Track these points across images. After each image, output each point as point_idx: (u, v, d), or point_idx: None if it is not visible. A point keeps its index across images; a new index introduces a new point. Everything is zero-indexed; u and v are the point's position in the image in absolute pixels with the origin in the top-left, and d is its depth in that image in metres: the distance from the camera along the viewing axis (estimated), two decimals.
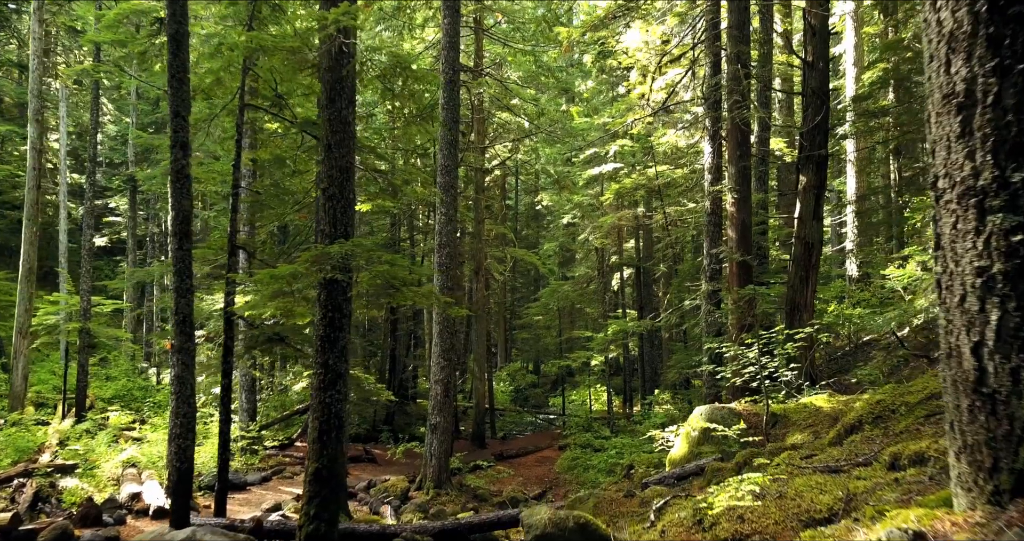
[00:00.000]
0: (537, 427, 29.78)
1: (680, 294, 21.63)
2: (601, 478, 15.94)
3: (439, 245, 14.62)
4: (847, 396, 8.73)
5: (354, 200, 7.26)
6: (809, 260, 12.33)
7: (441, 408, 14.35)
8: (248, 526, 7.59)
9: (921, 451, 3.49)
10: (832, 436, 5.88)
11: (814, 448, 6.12)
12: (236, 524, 8.31)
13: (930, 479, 3.09)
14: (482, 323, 22.06)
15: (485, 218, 23.15)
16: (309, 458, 6.78)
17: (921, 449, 3.50)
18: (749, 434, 8.25)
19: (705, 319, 13.00)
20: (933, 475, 3.11)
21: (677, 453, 8.89)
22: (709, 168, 13.59)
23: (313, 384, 6.98)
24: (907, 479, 3.23)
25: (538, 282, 40.52)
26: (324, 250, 6.59)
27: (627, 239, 29.09)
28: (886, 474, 3.51)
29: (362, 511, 12.93)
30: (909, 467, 3.45)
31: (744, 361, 8.89)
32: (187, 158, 8.47)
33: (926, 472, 3.23)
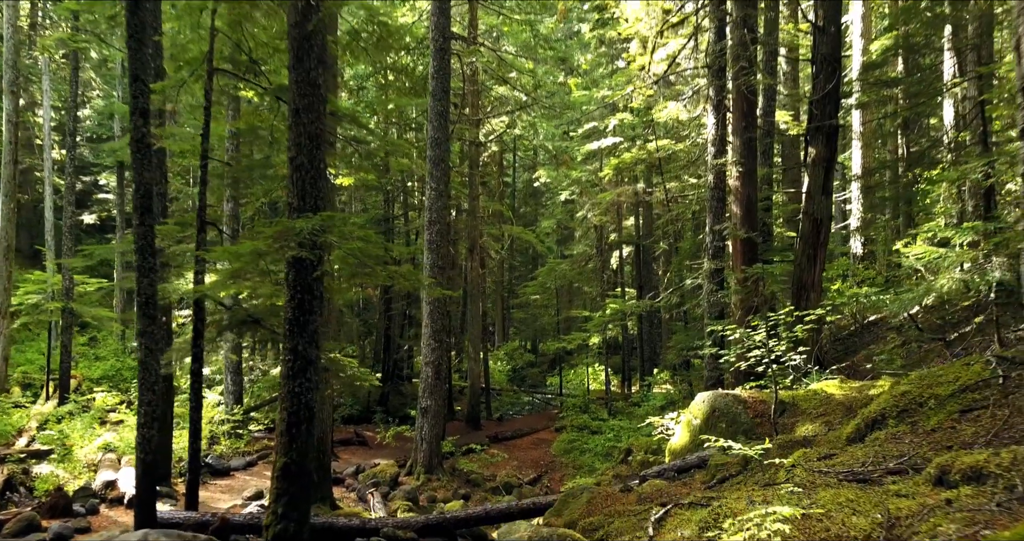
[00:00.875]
0: (535, 406, 29.35)
1: (681, 273, 21.03)
2: (598, 463, 15.47)
3: (429, 222, 13.98)
4: (860, 382, 8.16)
5: (325, 171, 6.62)
6: (817, 237, 11.72)
7: (432, 391, 13.82)
8: (215, 523, 7.05)
9: (977, 466, 2.90)
10: (850, 430, 5.30)
11: (831, 445, 5.54)
12: (207, 518, 7.79)
13: (998, 506, 2.51)
14: (477, 302, 21.49)
15: (480, 194, 22.47)
16: (277, 452, 6.22)
17: (977, 463, 2.91)
18: (755, 423, 7.70)
19: (707, 299, 12.42)
20: (1002, 502, 2.53)
21: (678, 442, 8.35)
22: (712, 140, 12.90)
23: (282, 372, 6.39)
24: (964, 502, 2.65)
25: (536, 260, 39.90)
26: (289, 225, 5.96)
27: (627, 216, 28.40)
28: (932, 491, 2.93)
29: (349, 498, 12.45)
30: (962, 484, 2.87)
31: (749, 344, 8.30)
32: (148, 127, 7.80)
33: (989, 494, 2.65)
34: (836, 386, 8.03)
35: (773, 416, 7.08)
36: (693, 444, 8.02)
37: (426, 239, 14.04)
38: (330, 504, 10.90)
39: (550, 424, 21.25)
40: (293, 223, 5.95)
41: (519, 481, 14.45)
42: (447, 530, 7.71)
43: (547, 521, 6.99)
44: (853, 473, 3.80)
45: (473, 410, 21.02)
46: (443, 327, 13.95)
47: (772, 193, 17.26)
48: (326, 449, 10.83)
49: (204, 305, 8.46)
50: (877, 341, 13.79)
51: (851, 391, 7.69)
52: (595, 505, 6.68)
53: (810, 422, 7.10)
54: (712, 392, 8.25)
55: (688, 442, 8.12)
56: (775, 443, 6.35)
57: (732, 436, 7.66)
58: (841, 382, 8.21)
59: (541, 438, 20.00)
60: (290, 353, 6.36)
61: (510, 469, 15.88)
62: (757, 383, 9.13)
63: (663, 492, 6.57)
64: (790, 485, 3.70)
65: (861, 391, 7.56)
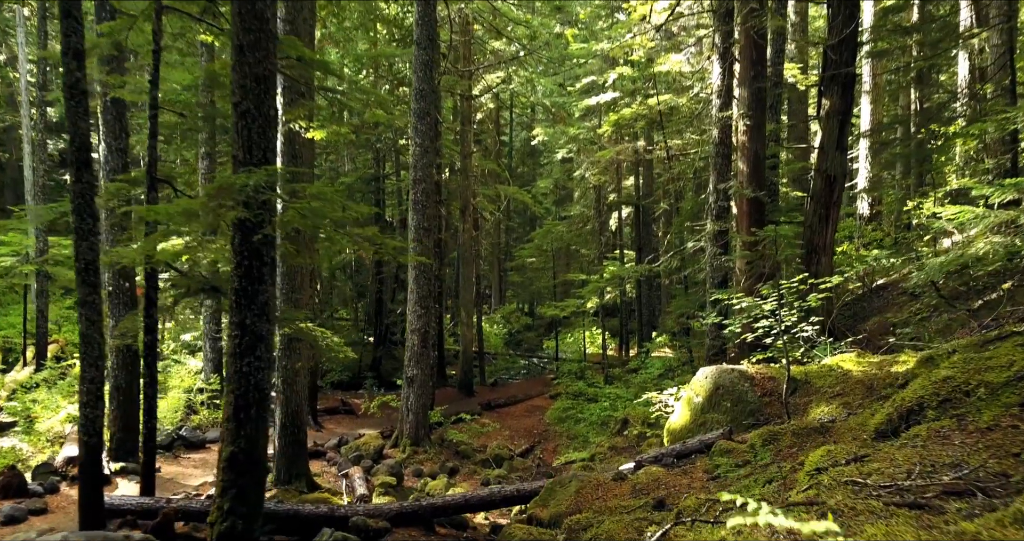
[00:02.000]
0: (531, 370, 28.80)
1: (681, 235, 20.18)
2: (593, 433, 14.87)
3: (414, 180, 13.09)
4: (880, 357, 7.40)
5: (275, 118, 5.74)
6: (830, 196, 10.87)
7: (419, 360, 13.11)
8: (158, 518, 6.34)
9: None
10: (880, 421, 4.53)
11: (855, 435, 4.79)
12: (160, 504, 7.10)
13: None
14: (471, 265, 20.68)
15: (474, 153, 21.49)
16: (223, 440, 5.49)
17: None
18: (763, 403, 6.96)
19: (710, 263, 11.61)
20: None
21: (677, 421, 7.63)
22: (718, 91, 11.94)
23: (228, 349, 5.62)
24: None
25: (534, 222, 38.94)
26: (228, 181, 5.11)
27: (626, 176, 27.42)
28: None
29: (329, 473, 11.83)
30: None
31: (757, 314, 7.52)
32: (82, 70, 6.88)
33: None
34: (853, 361, 7.28)
35: (784, 396, 6.33)
36: (695, 424, 7.30)
37: (411, 199, 13.17)
38: (307, 482, 10.25)
39: (545, 390, 20.65)
40: (233, 179, 5.10)
41: (510, 453, 13.84)
42: (423, 518, 7.04)
43: (531, 512, 6.31)
44: (899, 489, 3.04)
45: (466, 376, 20.39)
46: (429, 293, 13.17)
47: (779, 150, 16.29)
48: (301, 424, 10.15)
49: (156, 272, 7.66)
50: (889, 307, 13.03)
51: (870, 367, 6.93)
52: (584, 496, 5.97)
53: (825, 403, 6.35)
54: (716, 367, 7.50)
55: (689, 422, 7.39)
56: (788, 429, 5.60)
57: (738, 417, 6.94)
58: (858, 356, 7.45)
59: (535, 405, 19.41)
60: (237, 328, 5.58)
61: (502, 439, 15.29)
62: (765, 356, 8.38)
63: (660, 482, 5.86)
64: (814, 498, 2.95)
65: (882, 367, 6.80)
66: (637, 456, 11.03)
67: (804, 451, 5.18)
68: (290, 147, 10.01)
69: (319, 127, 9.15)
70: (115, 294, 10.75)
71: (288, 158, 10.05)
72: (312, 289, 14.79)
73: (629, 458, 12.22)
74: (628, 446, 13.24)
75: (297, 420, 10.15)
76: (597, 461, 12.36)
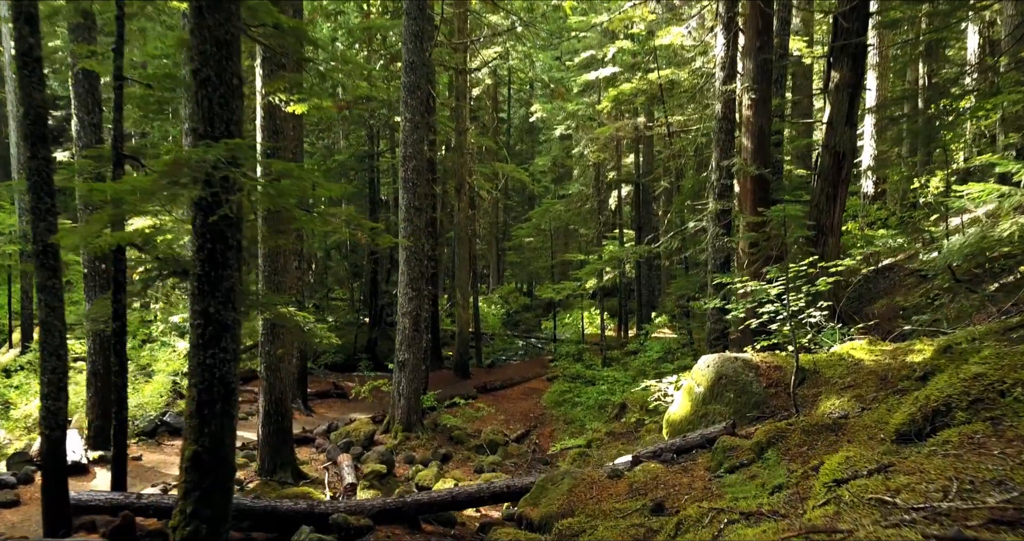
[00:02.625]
0: (529, 350, 28.44)
1: (682, 214, 19.69)
2: (590, 417, 14.51)
3: (404, 157, 12.57)
4: (893, 345, 6.97)
5: (239, 87, 5.24)
6: (839, 174, 10.39)
7: (410, 343, 12.69)
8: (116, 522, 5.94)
9: None
10: (901, 421, 4.10)
11: (871, 435, 4.37)
12: (131, 500, 6.71)
13: None
14: (466, 245, 20.19)
15: (469, 129, 20.89)
16: (185, 438, 5.07)
17: None
18: (769, 395, 6.54)
19: (711, 244, 11.14)
20: None
21: (677, 412, 7.21)
22: (721, 64, 11.37)
23: (190, 340, 5.18)
24: None
25: (533, 201, 38.34)
26: (184, 157, 4.63)
27: (626, 153, 26.83)
28: None
29: (318, 460, 11.46)
30: None
31: (762, 298, 7.08)
32: (36, 37, 6.38)
33: None
34: (864, 349, 6.85)
35: (792, 387, 5.90)
36: (695, 416, 6.89)
37: (401, 177, 12.66)
38: (292, 471, 9.89)
39: (542, 372, 20.28)
40: (189, 153, 4.62)
41: (505, 438, 13.49)
42: (408, 515, 6.65)
43: (521, 511, 5.91)
44: (936, 513, 2.61)
45: (462, 358, 20.01)
46: (421, 274, 12.72)
47: (783, 126, 15.73)
48: (286, 411, 9.75)
49: (123, 254, 7.20)
50: (896, 289, 12.58)
51: (883, 356, 6.50)
52: (578, 496, 5.57)
53: (836, 395, 5.93)
54: (719, 355, 7.07)
55: (689, 413, 6.98)
56: (797, 426, 5.18)
57: (741, 409, 6.52)
58: (870, 343, 7.02)
59: (532, 388, 19.05)
60: (199, 317, 5.13)
61: (497, 424, 14.93)
62: (769, 343, 7.95)
63: (659, 481, 5.45)
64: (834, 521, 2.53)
65: (896, 356, 6.37)
66: (635, 450, 10.67)
67: (815, 451, 4.77)
68: (270, 122, 9.51)
69: (300, 100, 8.63)
70: (90, 276, 10.30)
71: (269, 134, 9.55)
72: (301, 270, 14.34)
73: (627, 445, 11.87)
74: (626, 432, 12.88)
75: (282, 407, 9.75)
76: (594, 448, 12.01)
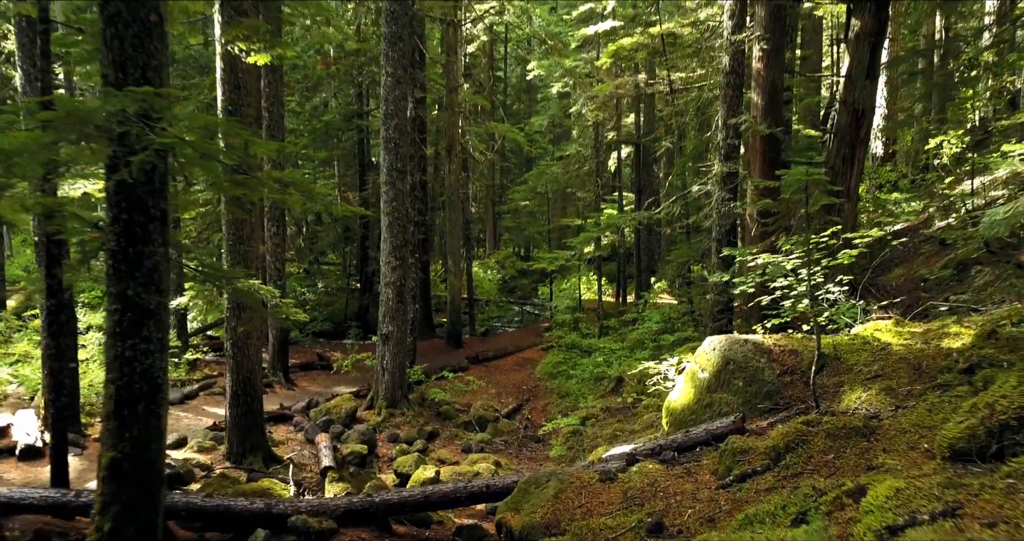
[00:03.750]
0: (524, 317, 27.79)
1: (684, 176, 18.77)
2: (585, 392, 13.84)
3: (386, 115, 11.64)
4: (923, 325, 6.19)
5: (160, 26, 4.35)
6: (857, 132, 9.52)
7: (394, 315, 11.94)
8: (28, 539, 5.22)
9: None
10: (957, 434, 3.33)
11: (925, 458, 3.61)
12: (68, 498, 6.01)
13: None
14: (458, 209, 19.31)
15: (461, 86, 19.83)
16: (103, 443, 4.33)
17: None
18: (783, 384, 5.78)
19: (716, 209, 10.28)
20: None
21: (679, 400, 6.47)
22: (730, 11, 10.36)
23: (107, 328, 4.40)
24: None
25: (531, 163, 37.26)
26: (87, 107, 3.77)
27: (626, 113, 25.75)
28: None
29: (295, 440, 10.80)
30: None
31: (774, 272, 6.28)
32: None
33: None
34: (890, 330, 6.07)
35: (812, 377, 5.14)
36: (699, 405, 6.14)
37: (383, 137, 11.75)
38: (264, 455, 9.22)
39: (537, 341, 19.61)
40: (84, 105, 3.76)
41: (496, 414, 12.83)
42: (377, 517, 5.96)
43: (501, 516, 5.20)
44: None
45: (454, 327, 19.31)
46: (404, 242, 11.89)
47: (792, 81, 14.70)
48: (254, 391, 9.04)
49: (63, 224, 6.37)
50: (914, 257, 11.75)
51: (914, 339, 5.73)
52: (564, 504, 4.84)
53: (861, 387, 5.17)
54: (726, 337, 6.30)
55: (692, 401, 6.23)
56: (821, 428, 4.43)
57: (752, 400, 5.77)
58: (896, 324, 6.24)
59: (526, 357, 18.38)
60: (116, 301, 4.33)
61: (487, 397, 14.27)
62: (781, 322, 7.17)
63: (658, 488, 4.73)
64: None
65: (928, 340, 5.60)
66: (631, 429, 9.98)
67: (844, 461, 4.02)
68: (231, 75, 8.57)
69: (261, 49, 7.70)
70: (40, 244, 9.46)
71: (231, 88, 8.62)
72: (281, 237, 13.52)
73: (623, 423, 11.19)
74: (622, 408, 12.22)
75: (250, 387, 9.03)
76: (588, 426, 11.35)
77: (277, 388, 13.74)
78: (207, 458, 9.04)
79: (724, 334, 6.94)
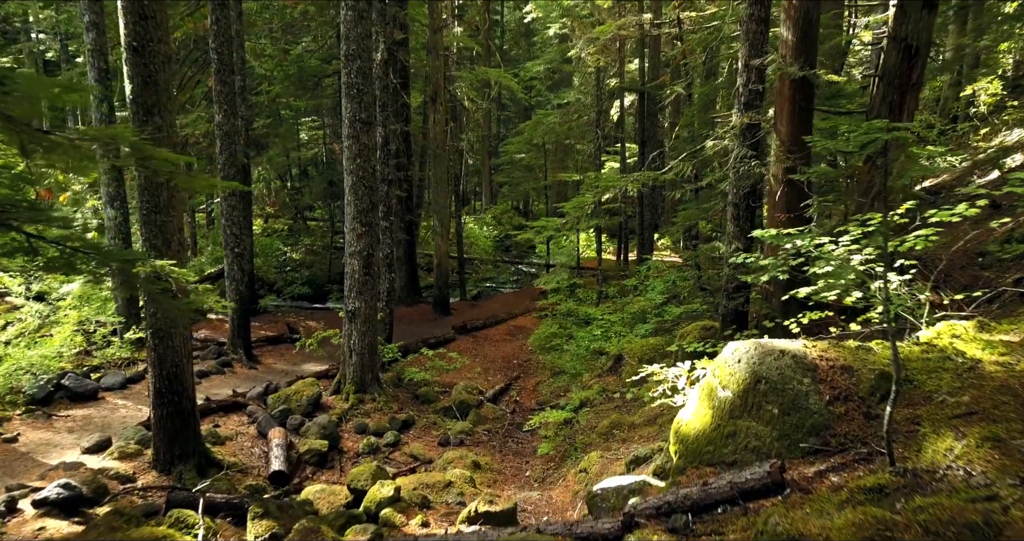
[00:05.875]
0: (520, 277, 26.37)
1: (692, 126, 17.01)
2: (581, 368, 12.46)
3: (346, 57, 9.93)
4: (1017, 332, 4.67)
5: None
6: (909, 75, 7.86)
7: (361, 289, 10.47)
8: None
9: None
10: None
11: None
12: None
13: None
14: (443, 163, 17.63)
15: (448, 26, 17.93)
16: None
17: None
18: (834, 416, 4.31)
19: (734, 169, 8.66)
20: None
21: (693, 423, 5.01)
22: None
23: None
24: None
25: (530, 112, 35.22)
26: None
27: (630, 58, 23.76)
28: None
29: (245, 434, 9.44)
30: None
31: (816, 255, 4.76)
32: None
33: None
34: (974, 338, 4.57)
35: (888, 417, 3.66)
36: (719, 434, 4.70)
37: (344, 82, 10.06)
38: (199, 461, 7.85)
39: (531, 306, 18.21)
40: None
41: (479, 397, 11.48)
42: None
43: None
44: None
45: (441, 293, 17.87)
46: (371, 205, 10.31)
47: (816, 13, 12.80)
48: (183, 388, 7.62)
49: None
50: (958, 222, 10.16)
51: (1011, 353, 4.24)
52: None
53: (950, 430, 3.69)
54: (754, 345, 4.79)
55: (710, 427, 4.78)
56: (913, 519, 2.97)
57: (791, 434, 4.31)
58: (980, 327, 4.74)
59: (519, 326, 17.01)
60: None
61: (472, 375, 12.93)
62: (821, 316, 5.67)
63: None
64: None
65: None
66: (630, 421, 8.58)
67: None
68: (135, 3, 6.88)
69: None
70: None
71: (136, 19, 6.94)
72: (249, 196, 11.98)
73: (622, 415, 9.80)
74: (621, 386, 10.87)
75: (178, 384, 7.60)
76: (582, 415, 9.98)
77: (237, 367, 12.36)
78: (129, 466, 7.67)
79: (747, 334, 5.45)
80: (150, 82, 7.06)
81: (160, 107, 7.16)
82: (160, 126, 7.14)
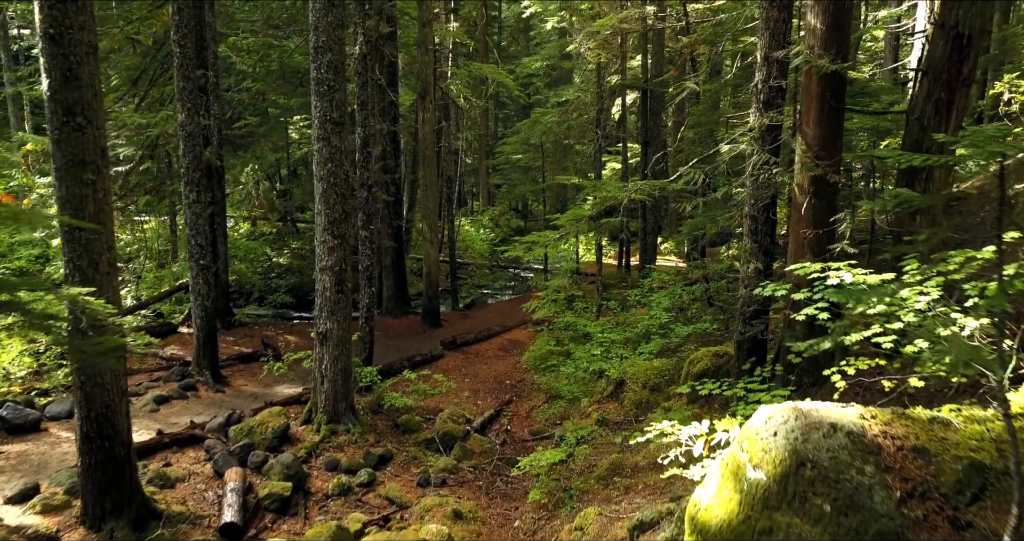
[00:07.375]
0: (518, 283, 25.35)
1: (699, 128, 15.93)
2: (579, 392, 11.40)
3: (315, 49, 8.87)
4: None
5: None
6: (959, 69, 6.81)
7: (332, 309, 9.41)
8: None
9: None
10: None
11: None
12: None
13: None
14: (432, 166, 16.54)
15: (438, 18, 16.86)
16: None
17: None
18: (909, 521, 3.24)
19: (753, 176, 7.61)
20: None
21: (716, 511, 3.94)
22: None
23: None
24: None
25: (529, 110, 34.11)
26: None
27: (632, 55, 22.68)
28: None
29: (199, 475, 8.36)
30: None
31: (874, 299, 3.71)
32: None
33: None
34: None
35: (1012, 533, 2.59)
36: (751, 529, 3.63)
37: (313, 78, 9.00)
38: (136, 514, 6.79)
39: (528, 317, 17.11)
40: None
41: (467, 427, 10.42)
42: None
43: None
44: None
45: (431, 304, 16.80)
46: (344, 215, 9.24)
47: None
48: (114, 432, 6.58)
49: None
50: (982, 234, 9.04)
51: None
52: None
53: None
54: (793, 412, 3.72)
55: (738, 520, 3.72)
56: None
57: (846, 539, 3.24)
58: None
59: (513, 340, 15.96)
60: None
61: (461, 398, 11.86)
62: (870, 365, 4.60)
63: None
64: None
65: None
66: (632, 461, 7.52)
67: None
68: None
69: None
70: None
71: (52, 2, 5.89)
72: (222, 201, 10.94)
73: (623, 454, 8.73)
74: (622, 420, 9.83)
75: (109, 428, 6.55)
76: (579, 451, 8.91)
77: (202, 391, 11.29)
78: (53, 522, 6.62)
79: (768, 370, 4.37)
80: (71, 76, 6.00)
81: (84, 105, 6.11)
82: (82, 127, 6.08)
